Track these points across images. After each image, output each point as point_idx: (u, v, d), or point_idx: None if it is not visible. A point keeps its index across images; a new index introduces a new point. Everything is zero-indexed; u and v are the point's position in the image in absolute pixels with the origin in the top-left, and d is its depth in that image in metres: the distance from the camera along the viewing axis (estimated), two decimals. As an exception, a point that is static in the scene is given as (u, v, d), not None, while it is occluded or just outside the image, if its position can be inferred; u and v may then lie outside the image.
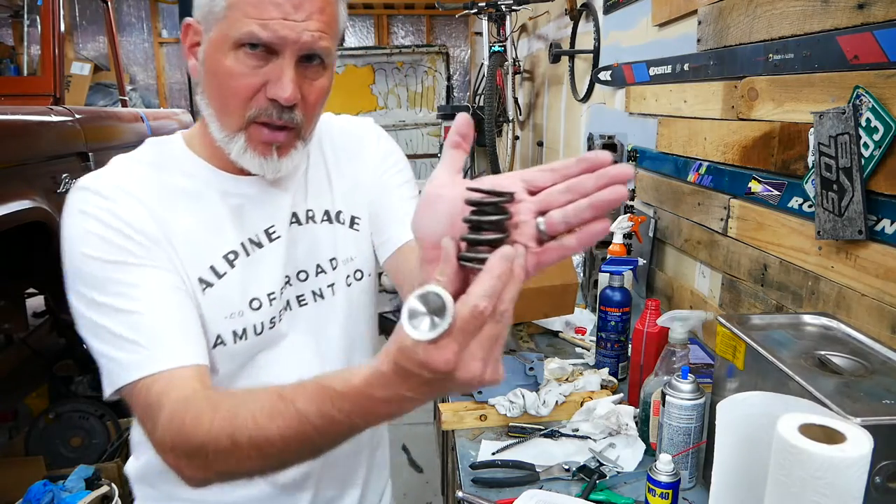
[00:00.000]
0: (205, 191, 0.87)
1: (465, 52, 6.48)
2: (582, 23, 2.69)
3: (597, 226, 0.51)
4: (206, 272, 0.85)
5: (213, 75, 0.80)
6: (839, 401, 0.68)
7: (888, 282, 0.96)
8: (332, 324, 0.97)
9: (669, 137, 1.73)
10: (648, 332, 1.25)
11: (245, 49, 0.77)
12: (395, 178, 1.02)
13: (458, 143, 0.56)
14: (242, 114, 0.80)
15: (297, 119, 0.81)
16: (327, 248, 0.95)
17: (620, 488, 1.02)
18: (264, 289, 0.88)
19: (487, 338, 0.50)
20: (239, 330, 0.87)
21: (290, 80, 0.77)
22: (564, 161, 0.53)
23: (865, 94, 0.97)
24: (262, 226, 0.89)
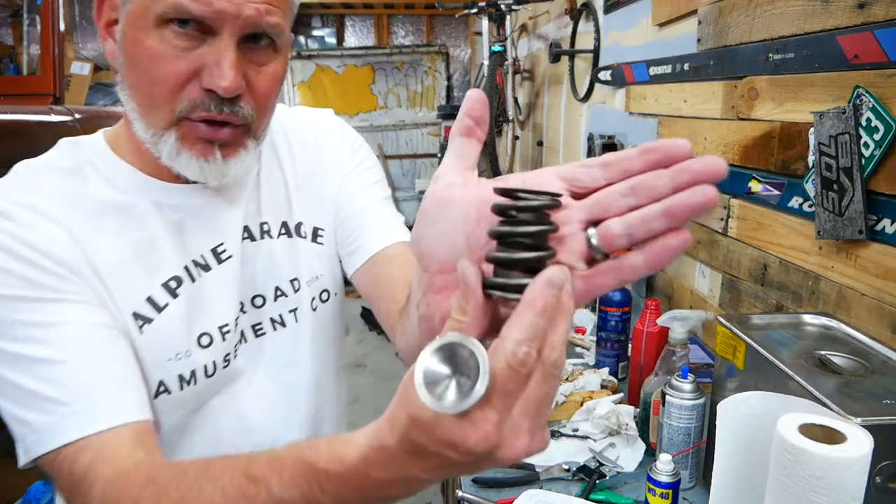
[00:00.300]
0: (136, 204, 0.71)
1: (465, 52, 6.48)
2: (582, 22, 2.69)
3: (673, 239, 0.37)
4: (141, 305, 0.70)
5: (132, 60, 0.65)
6: (839, 401, 0.68)
7: (888, 282, 0.96)
8: (296, 356, 0.82)
9: (669, 137, 1.72)
10: (648, 332, 1.25)
11: (172, 27, 0.62)
12: (363, 177, 0.88)
13: (469, 130, 0.42)
14: (171, 108, 0.65)
15: (243, 112, 0.66)
16: (287, 267, 0.81)
17: (620, 488, 1.02)
18: (215, 320, 0.74)
19: (535, 399, 0.36)
20: (186, 373, 0.72)
21: (229, 64, 0.62)
22: (621, 153, 0.39)
23: (866, 94, 0.97)
24: (208, 244, 0.75)
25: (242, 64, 0.65)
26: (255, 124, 0.69)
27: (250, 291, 0.78)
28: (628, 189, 0.38)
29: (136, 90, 0.67)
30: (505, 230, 0.38)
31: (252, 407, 0.79)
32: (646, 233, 0.37)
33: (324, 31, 6.27)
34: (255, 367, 0.79)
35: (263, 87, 0.68)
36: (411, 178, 5.36)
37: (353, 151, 0.89)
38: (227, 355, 0.76)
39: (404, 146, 5.40)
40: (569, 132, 2.96)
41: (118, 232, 0.70)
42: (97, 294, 0.67)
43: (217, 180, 0.70)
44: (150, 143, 0.67)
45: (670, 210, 0.36)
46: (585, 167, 0.40)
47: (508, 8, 3.21)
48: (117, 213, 0.70)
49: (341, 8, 6.12)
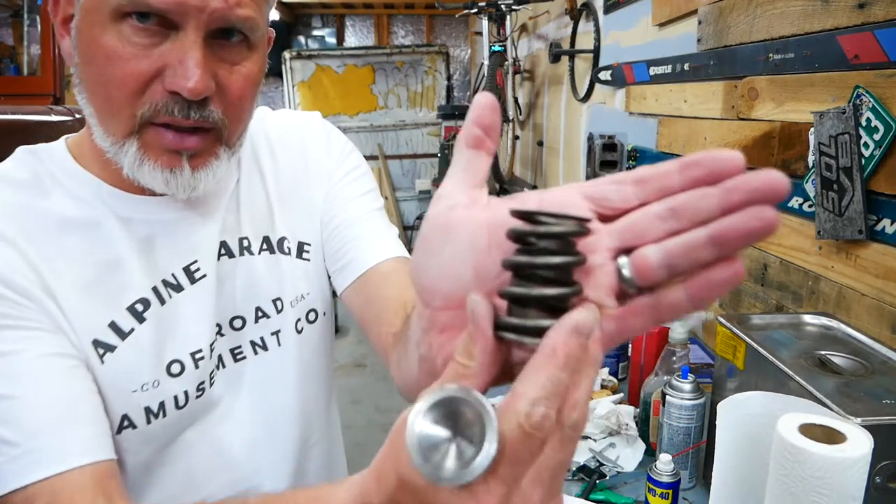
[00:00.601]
0: (100, 219, 0.65)
1: (465, 52, 6.48)
2: (582, 22, 2.69)
3: (722, 271, 0.31)
4: (103, 332, 0.63)
5: (88, 60, 0.58)
6: (839, 401, 0.68)
7: (888, 282, 0.96)
8: (280, 382, 0.76)
9: (669, 137, 1.73)
10: (648, 332, 1.25)
11: (131, 21, 0.55)
12: (354, 186, 0.81)
13: (478, 141, 0.35)
14: (131, 112, 0.58)
15: (213, 117, 0.60)
16: (269, 286, 0.74)
17: (620, 488, 1.02)
18: (187, 346, 0.67)
19: (550, 467, 0.31)
20: (154, 405, 0.65)
21: (195, 63, 0.56)
22: (658, 166, 0.33)
23: (866, 94, 0.97)
24: (180, 262, 0.68)
25: (212, 63, 0.58)
26: (227, 130, 0.63)
27: (229, 312, 0.72)
28: (667, 211, 0.32)
29: (92, 93, 0.60)
30: (522, 261, 0.32)
31: (231, 439, 0.72)
32: (689, 263, 0.31)
33: (324, 31, 6.28)
34: (234, 395, 0.73)
35: (236, 88, 0.61)
36: (411, 178, 5.36)
37: (341, 158, 0.81)
38: (200, 384, 0.68)
39: (404, 146, 5.40)
40: (569, 132, 2.96)
41: (80, 251, 0.63)
42: (54, 320, 0.60)
43: (185, 193, 0.63)
44: (110, 152, 0.61)
45: (719, 236, 0.30)
46: (616, 184, 0.33)
47: (508, 8, 3.21)
48: (80, 230, 0.64)
49: (341, 8, 6.12)
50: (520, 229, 0.32)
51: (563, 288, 0.32)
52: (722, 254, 0.30)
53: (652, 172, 0.33)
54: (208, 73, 0.57)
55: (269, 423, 0.75)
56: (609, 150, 1.75)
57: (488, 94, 0.35)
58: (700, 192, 0.31)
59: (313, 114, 0.85)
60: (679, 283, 0.32)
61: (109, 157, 0.61)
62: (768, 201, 0.29)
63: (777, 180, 0.29)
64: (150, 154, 0.60)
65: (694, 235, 0.31)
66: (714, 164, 0.31)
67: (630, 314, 0.33)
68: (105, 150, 0.61)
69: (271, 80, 6.12)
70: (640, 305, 0.33)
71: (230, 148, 0.65)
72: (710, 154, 0.31)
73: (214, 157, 0.63)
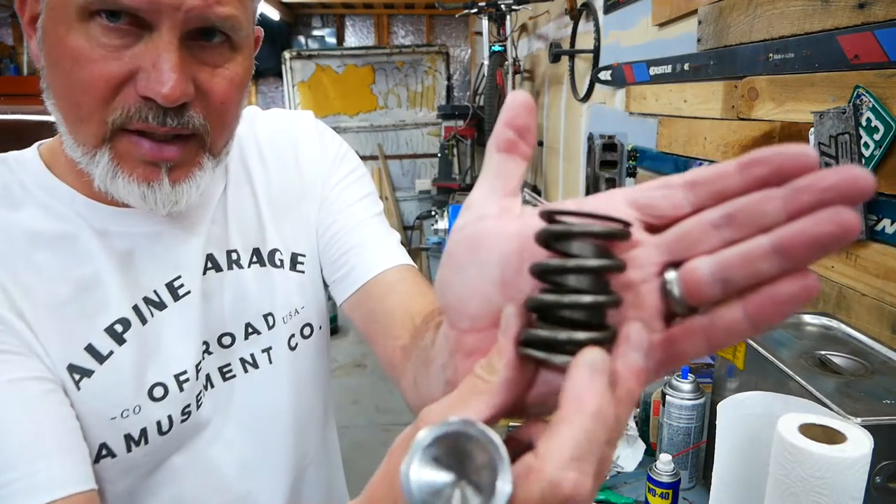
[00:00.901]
0: (75, 233, 0.60)
1: (465, 52, 6.48)
2: (582, 22, 2.69)
3: (789, 286, 0.26)
4: (79, 356, 0.58)
5: (54, 62, 0.53)
6: (839, 401, 0.68)
7: (888, 282, 0.96)
8: (272, 401, 0.72)
9: (669, 137, 1.73)
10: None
11: (100, 20, 0.51)
12: (351, 191, 0.76)
13: (510, 144, 0.31)
14: (102, 119, 0.53)
15: (194, 123, 0.55)
16: (260, 301, 0.70)
17: (620, 488, 1.02)
18: (171, 368, 0.63)
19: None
20: (135, 432, 0.61)
21: (170, 66, 0.51)
22: (713, 168, 0.28)
23: (866, 94, 0.97)
24: (162, 278, 0.64)
25: (191, 66, 0.53)
26: (210, 138, 0.58)
27: (217, 329, 0.68)
28: (723, 218, 0.27)
29: (59, 99, 0.55)
30: (556, 265, 0.28)
31: (221, 461, 0.69)
32: (748, 277, 0.26)
33: (324, 31, 6.27)
34: (223, 416, 0.69)
35: (219, 92, 0.56)
36: (411, 178, 5.36)
37: (336, 161, 0.76)
38: (186, 407, 0.64)
39: (404, 146, 5.40)
40: (569, 132, 2.96)
41: (53, 268, 0.59)
42: (25, 343, 0.56)
43: (166, 209, 0.58)
44: (81, 162, 0.56)
45: (784, 244, 0.25)
46: (665, 188, 0.29)
47: (508, 8, 3.21)
48: (52, 245, 0.59)
49: (341, 8, 6.12)
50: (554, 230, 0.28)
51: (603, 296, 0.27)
52: (788, 266, 0.25)
53: (707, 174, 0.28)
54: (185, 76, 0.52)
55: (261, 444, 0.72)
56: (609, 150, 1.75)
57: (524, 92, 0.32)
58: (763, 195, 0.26)
59: (305, 114, 0.79)
60: (737, 302, 0.27)
61: (81, 167, 0.57)
62: (847, 202, 0.24)
63: (859, 176, 0.24)
64: (125, 165, 0.55)
65: (754, 244, 0.26)
66: (781, 160, 0.26)
67: (680, 338, 0.28)
68: (76, 160, 0.57)
69: (271, 80, 6.13)
70: (690, 328, 0.28)
71: (215, 156, 0.60)
72: (777, 149, 0.26)
73: (197, 168, 0.58)
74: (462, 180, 4.04)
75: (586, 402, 0.25)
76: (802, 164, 0.26)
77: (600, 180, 1.77)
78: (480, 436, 0.25)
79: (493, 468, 0.25)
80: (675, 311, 0.29)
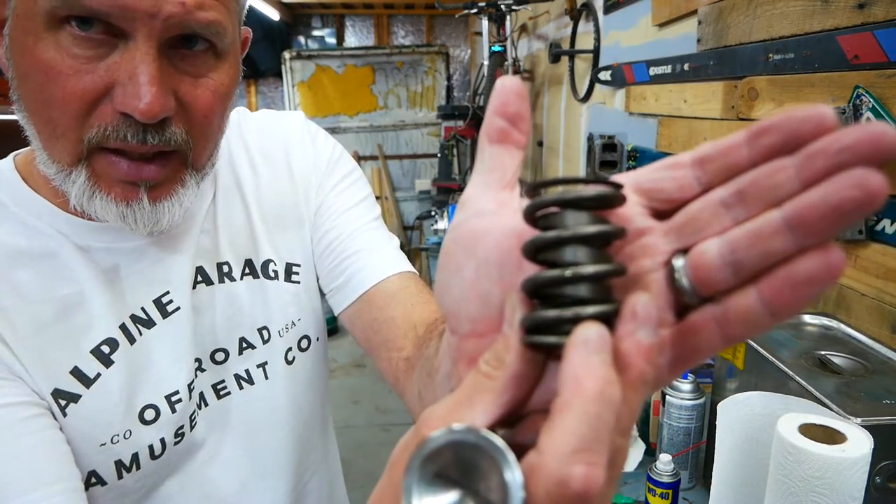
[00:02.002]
0: (56, 250, 0.57)
1: (465, 52, 6.48)
2: (582, 23, 2.69)
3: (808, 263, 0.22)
4: (64, 380, 0.55)
5: (23, 75, 0.49)
6: (839, 401, 0.68)
7: (888, 282, 0.96)
8: (268, 418, 0.69)
9: (669, 137, 1.73)
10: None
11: (71, 28, 0.46)
12: (347, 195, 0.73)
13: (502, 133, 0.29)
14: (77, 137, 0.49)
15: (176, 139, 0.51)
16: (254, 314, 0.67)
17: (620, 488, 1.01)
18: (162, 389, 0.60)
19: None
20: (126, 458, 0.58)
21: (147, 78, 0.47)
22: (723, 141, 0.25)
23: (866, 94, 0.97)
24: (149, 294, 0.61)
25: (171, 77, 0.49)
26: (192, 153, 0.54)
27: (209, 345, 0.65)
28: (733, 195, 0.24)
29: (31, 113, 0.51)
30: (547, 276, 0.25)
31: (219, 481, 0.66)
32: (760, 257, 0.23)
33: (324, 31, 6.27)
34: (219, 435, 0.66)
35: (202, 105, 0.52)
36: (411, 179, 5.36)
37: (331, 164, 0.73)
38: (179, 428, 0.61)
39: (404, 146, 5.40)
40: (569, 132, 2.96)
41: (35, 287, 0.56)
42: (9, 368, 0.53)
43: (147, 229, 0.54)
44: (56, 179, 0.53)
45: (797, 216, 0.22)
46: (671, 169, 0.27)
47: (508, 8, 3.21)
48: (34, 264, 0.56)
49: (341, 8, 6.12)
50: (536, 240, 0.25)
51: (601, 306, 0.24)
52: (806, 242, 0.22)
53: (716, 148, 0.25)
54: (165, 89, 0.48)
55: (259, 461, 0.69)
56: (609, 151, 1.75)
57: (513, 77, 0.29)
58: (774, 165, 0.23)
59: (295, 115, 0.75)
60: (752, 287, 0.24)
61: (55, 184, 0.53)
62: (869, 163, 0.21)
63: (882, 133, 0.21)
64: (102, 185, 0.51)
65: (765, 220, 0.23)
66: (793, 124, 0.23)
67: (692, 332, 0.25)
68: (50, 177, 0.53)
69: (271, 80, 6.13)
70: (702, 319, 0.25)
71: (198, 171, 0.56)
72: (788, 113, 0.23)
73: (179, 185, 0.55)
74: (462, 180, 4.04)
75: (585, 384, 0.22)
76: (817, 126, 0.22)
77: (600, 180, 1.77)
78: (484, 443, 0.23)
79: (500, 476, 0.22)
80: (688, 303, 0.25)
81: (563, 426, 0.22)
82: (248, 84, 6.23)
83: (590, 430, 0.21)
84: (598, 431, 0.21)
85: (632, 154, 1.89)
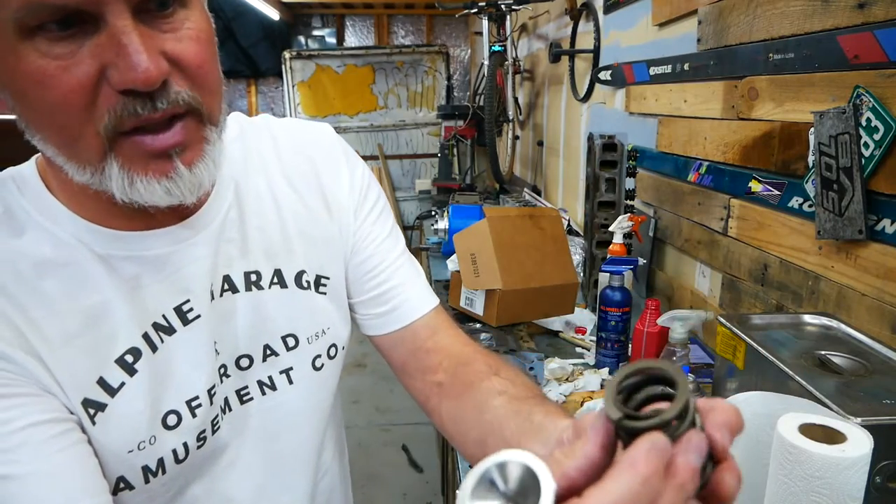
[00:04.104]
0: (80, 260, 0.57)
1: (465, 52, 6.48)
2: (582, 22, 2.69)
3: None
4: (92, 390, 0.56)
5: (20, 94, 0.49)
6: (839, 401, 0.68)
7: (888, 282, 0.96)
8: (289, 424, 0.71)
9: (669, 137, 1.73)
10: (648, 332, 1.25)
11: (44, 33, 0.46)
12: (380, 224, 0.78)
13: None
14: (93, 131, 0.49)
15: (183, 97, 0.51)
16: (279, 322, 0.69)
17: (620, 488, 1.01)
18: (183, 394, 0.61)
19: None
20: (152, 463, 0.59)
21: (135, 47, 0.47)
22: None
23: (866, 94, 0.97)
24: (170, 302, 0.61)
25: (154, 40, 0.49)
26: (204, 107, 0.54)
27: (234, 352, 0.66)
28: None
29: (44, 129, 0.51)
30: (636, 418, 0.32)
31: (238, 487, 0.68)
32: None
33: (324, 31, 6.28)
34: (240, 440, 0.68)
35: (192, 56, 0.52)
36: (411, 178, 5.35)
37: (363, 191, 0.76)
38: (201, 433, 0.63)
39: (404, 146, 5.40)
40: (569, 132, 2.96)
41: (61, 298, 0.56)
42: (39, 382, 0.53)
43: (193, 195, 0.55)
44: (93, 183, 0.52)
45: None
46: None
47: (508, 8, 3.21)
48: (59, 274, 0.56)
49: (341, 8, 6.12)
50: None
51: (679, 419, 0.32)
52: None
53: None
54: (154, 53, 0.48)
55: (278, 464, 0.72)
56: (609, 150, 1.75)
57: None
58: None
59: (325, 130, 0.77)
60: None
61: (94, 189, 0.53)
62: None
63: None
64: (137, 168, 0.52)
65: None
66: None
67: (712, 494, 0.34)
68: (87, 184, 0.53)
69: (271, 80, 6.13)
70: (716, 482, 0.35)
71: (216, 125, 0.56)
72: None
73: (205, 143, 0.55)
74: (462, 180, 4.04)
75: (638, 466, 0.28)
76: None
77: (600, 180, 1.77)
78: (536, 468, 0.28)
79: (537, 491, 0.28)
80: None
81: (607, 488, 0.28)
82: (249, 84, 6.23)
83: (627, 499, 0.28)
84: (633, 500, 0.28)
85: (632, 154, 1.89)
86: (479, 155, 4.10)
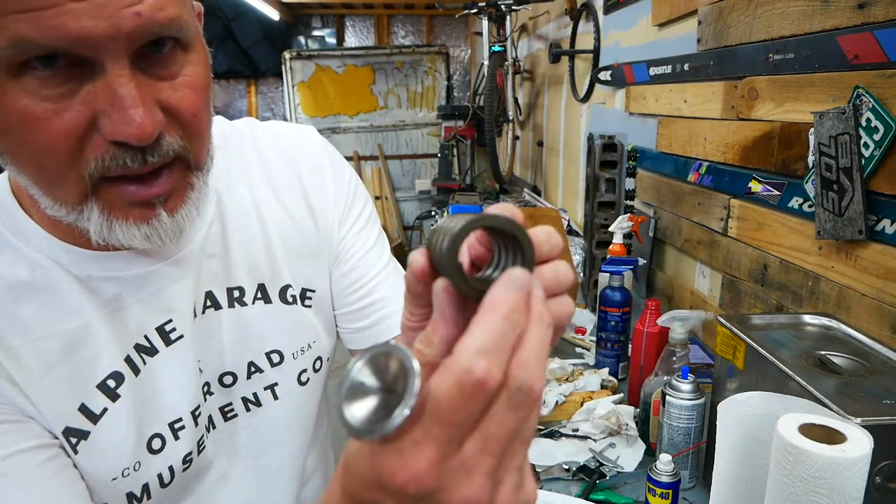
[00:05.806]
0: (57, 282, 0.55)
1: (465, 52, 6.48)
2: (582, 23, 2.69)
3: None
4: (73, 417, 0.55)
5: (2, 130, 0.46)
6: (839, 401, 0.68)
7: (888, 282, 0.96)
8: (275, 439, 0.70)
9: (669, 137, 1.73)
10: (648, 332, 1.25)
11: (34, 71, 0.43)
12: (367, 231, 0.75)
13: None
14: (78, 175, 0.47)
15: (174, 148, 0.50)
16: (263, 339, 0.67)
17: (620, 488, 1.01)
18: (166, 416, 0.60)
19: (500, 435, 0.28)
20: (137, 489, 0.58)
21: (131, 100, 0.45)
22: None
23: (865, 94, 0.97)
24: (152, 322, 0.60)
25: (150, 88, 0.47)
26: (192, 155, 0.52)
27: (217, 370, 0.65)
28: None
29: (23, 167, 0.49)
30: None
31: (226, 500, 0.68)
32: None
33: (324, 31, 6.28)
34: (227, 456, 0.67)
35: (187, 106, 0.50)
36: (411, 178, 5.35)
37: (350, 196, 0.74)
38: (187, 455, 0.62)
39: (404, 146, 5.40)
40: (569, 132, 2.96)
41: (41, 324, 0.54)
42: (22, 410, 0.52)
43: (173, 241, 0.53)
44: (68, 219, 0.51)
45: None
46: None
47: (508, 8, 3.21)
48: (37, 297, 0.54)
49: (341, 8, 6.12)
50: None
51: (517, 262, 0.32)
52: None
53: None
54: (150, 106, 0.46)
55: (265, 477, 0.71)
56: (609, 151, 1.75)
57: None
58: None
59: (311, 134, 0.75)
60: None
61: (69, 223, 0.51)
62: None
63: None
64: (117, 214, 0.50)
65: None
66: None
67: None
68: (60, 218, 0.51)
69: (271, 80, 6.13)
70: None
71: (202, 170, 0.55)
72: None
73: (189, 189, 0.54)
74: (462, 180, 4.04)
75: (498, 307, 0.29)
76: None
77: (600, 180, 1.77)
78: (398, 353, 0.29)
79: (405, 377, 0.28)
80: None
81: (473, 334, 0.28)
82: (248, 84, 6.23)
83: (494, 339, 0.28)
84: (499, 340, 0.28)
85: (632, 154, 1.89)
86: (479, 155, 4.10)
